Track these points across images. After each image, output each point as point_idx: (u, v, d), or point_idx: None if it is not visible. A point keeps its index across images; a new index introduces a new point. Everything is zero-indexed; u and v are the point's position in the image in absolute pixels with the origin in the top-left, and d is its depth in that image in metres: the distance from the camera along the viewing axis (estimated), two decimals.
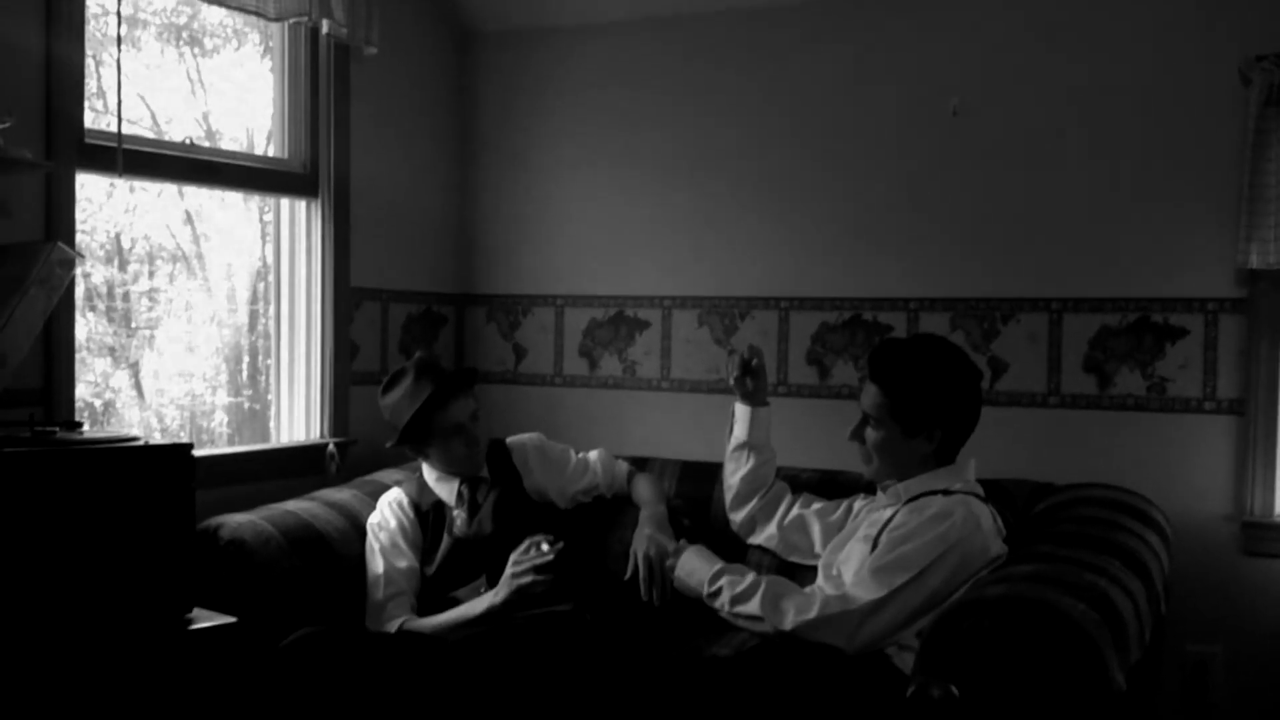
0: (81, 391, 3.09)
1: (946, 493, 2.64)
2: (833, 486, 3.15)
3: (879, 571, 2.51)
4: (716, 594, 2.62)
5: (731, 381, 3.04)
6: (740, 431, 3.05)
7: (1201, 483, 3.31)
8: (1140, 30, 3.37)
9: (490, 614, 2.79)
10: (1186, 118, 3.32)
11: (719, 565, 2.69)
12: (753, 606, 2.54)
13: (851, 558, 2.66)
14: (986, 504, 2.65)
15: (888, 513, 2.67)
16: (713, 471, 3.26)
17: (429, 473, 3.12)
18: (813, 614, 2.48)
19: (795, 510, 3.02)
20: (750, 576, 2.62)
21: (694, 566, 2.72)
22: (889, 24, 3.66)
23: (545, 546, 2.78)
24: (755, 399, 3.03)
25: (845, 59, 3.71)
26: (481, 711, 2.54)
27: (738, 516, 3.09)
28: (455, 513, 3.04)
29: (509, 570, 2.81)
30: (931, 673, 2.12)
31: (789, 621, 2.49)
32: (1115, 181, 3.40)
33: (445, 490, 3.08)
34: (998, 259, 3.54)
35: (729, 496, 3.10)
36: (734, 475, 3.07)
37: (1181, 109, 3.33)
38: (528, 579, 2.77)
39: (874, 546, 2.59)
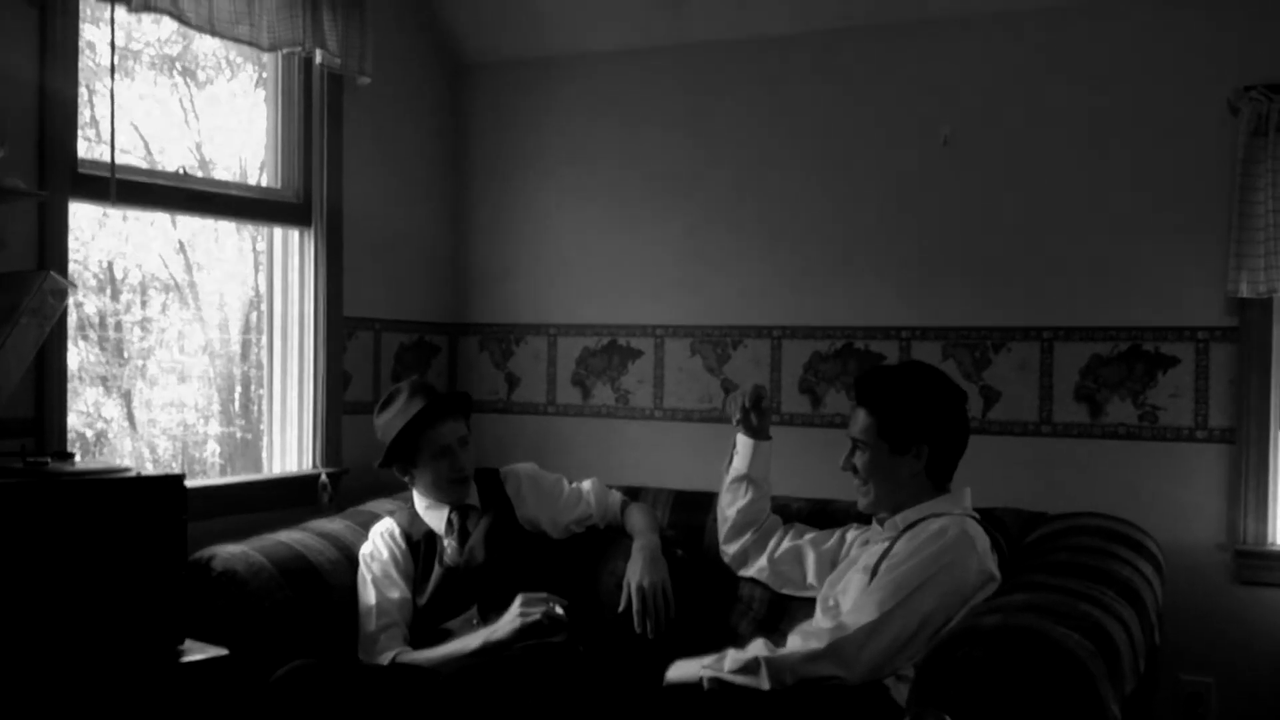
0: (73, 421, 3.08)
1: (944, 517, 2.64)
2: (824, 516, 3.14)
3: (874, 594, 2.51)
4: (720, 658, 2.55)
5: (735, 422, 3.03)
6: (740, 464, 3.04)
7: (1194, 511, 3.32)
8: (1130, 60, 3.40)
9: (485, 649, 2.77)
10: (1176, 147, 3.35)
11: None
12: (753, 649, 2.52)
13: (850, 589, 2.66)
14: (984, 529, 2.66)
15: (886, 544, 2.67)
16: (706, 501, 3.25)
17: (419, 501, 3.11)
18: (814, 645, 2.47)
19: (787, 542, 3.00)
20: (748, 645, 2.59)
21: (686, 662, 2.64)
22: (881, 54, 3.68)
23: (559, 610, 2.77)
24: (759, 433, 3.03)
25: (837, 89, 3.74)
26: None
27: (731, 549, 3.07)
28: (446, 542, 3.03)
29: (516, 609, 2.78)
30: (926, 703, 2.11)
31: (789, 653, 2.47)
32: (1106, 211, 3.42)
33: (436, 519, 3.07)
34: (989, 288, 3.55)
35: (724, 529, 3.08)
36: (730, 507, 3.05)
37: (1171, 139, 3.35)
38: (535, 617, 2.74)
39: (873, 576, 2.58)
